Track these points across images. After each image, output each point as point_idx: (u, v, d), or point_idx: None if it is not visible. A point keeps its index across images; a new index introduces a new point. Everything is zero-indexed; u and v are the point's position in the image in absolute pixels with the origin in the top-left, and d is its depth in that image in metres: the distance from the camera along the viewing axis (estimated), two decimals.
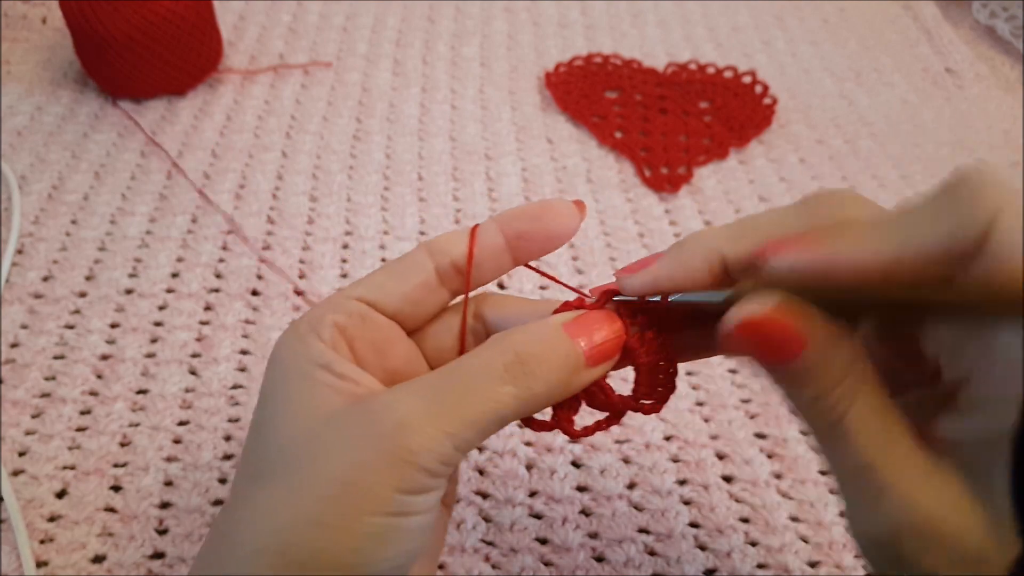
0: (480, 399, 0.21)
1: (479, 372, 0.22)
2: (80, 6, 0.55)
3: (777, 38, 0.74)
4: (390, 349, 0.25)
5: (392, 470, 0.21)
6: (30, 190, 0.52)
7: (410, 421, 0.21)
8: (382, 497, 0.21)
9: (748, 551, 0.35)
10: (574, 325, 0.23)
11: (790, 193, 0.56)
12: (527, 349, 0.22)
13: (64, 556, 0.34)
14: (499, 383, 0.22)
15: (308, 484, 0.21)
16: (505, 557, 0.35)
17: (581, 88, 0.64)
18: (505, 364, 0.22)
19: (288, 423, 0.22)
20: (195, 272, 0.47)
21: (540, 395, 0.22)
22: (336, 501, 0.21)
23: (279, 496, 0.21)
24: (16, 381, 0.41)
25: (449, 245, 0.25)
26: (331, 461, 0.21)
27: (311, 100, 0.62)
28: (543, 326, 0.23)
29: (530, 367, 0.22)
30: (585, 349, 0.23)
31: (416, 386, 0.22)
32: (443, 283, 0.26)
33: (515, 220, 0.26)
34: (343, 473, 0.21)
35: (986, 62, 0.71)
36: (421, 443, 0.21)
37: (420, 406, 0.21)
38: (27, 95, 0.61)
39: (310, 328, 0.24)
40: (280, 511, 0.21)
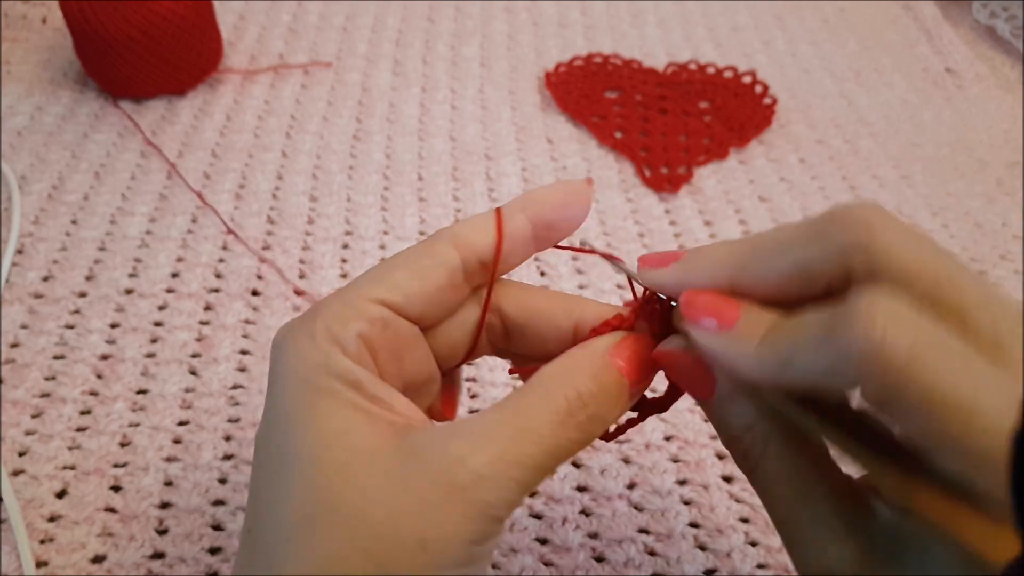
0: (546, 445, 0.21)
1: (542, 416, 0.21)
2: (80, 6, 0.55)
3: (777, 38, 0.74)
4: (409, 354, 0.24)
5: (469, 525, 0.20)
6: (30, 190, 0.52)
7: (483, 474, 0.20)
8: (457, 551, 0.20)
9: (748, 551, 0.35)
10: (617, 352, 0.23)
11: (790, 193, 0.56)
12: (587, 390, 0.22)
13: (64, 556, 0.34)
14: (563, 428, 0.21)
15: (373, 536, 0.20)
16: (505, 557, 0.35)
17: (581, 88, 0.64)
18: (568, 408, 0.21)
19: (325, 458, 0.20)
20: (195, 272, 0.47)
21: (598, 433, 0.22)
22: (413, 554, 0.20)
23: (336, 548, 0.20)
24: (16, 381, 0.41)
25: (475, 237, 0.24)
26: (407, 514, 0.20)
27: (311, 100, 0.62)
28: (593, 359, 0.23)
29: (591, 410, 0.22)
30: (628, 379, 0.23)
31: (478, 431, 0.21)
32: (468, 279, 0.24)
33: (543, 209, 0.24)
34: (419, 527, 0.20)
35: (986, 62, 0.71)
36: (499, 495, 0.20)
37: (489, 455, 0.20)
38: (27, 95, 0.61)
39: (330, 336, 0.22)
40: (340, 565, 0.19)
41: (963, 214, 0.55)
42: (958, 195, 0.57)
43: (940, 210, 0.55)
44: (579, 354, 0.23)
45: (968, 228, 0.54)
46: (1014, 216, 0.55)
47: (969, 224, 0.54)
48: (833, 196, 0.56)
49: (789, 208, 0.55)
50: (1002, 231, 0.54)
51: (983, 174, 0.59)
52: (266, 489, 0.21)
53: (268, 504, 0.21)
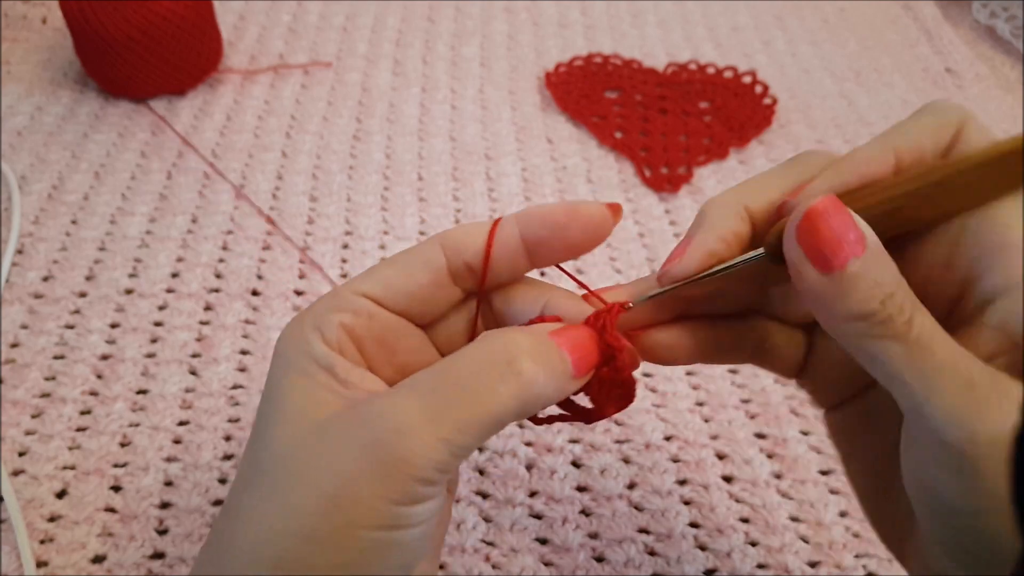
0: (478, 405, 0.20)
1: (476, 376, 0.21)
2: (80, 6, 0.55)
3: (777, 38, 0.74)
4: (399, 344, 0.24)
5: (386, 481, 0.19)
6: (30, 190, 0.52)
7: (402, 427, 0.20)
8: (376, 510, 0.20)
9: (748, 551, 0.35)
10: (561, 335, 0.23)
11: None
12: (523, 353, 0.21)
13: (64, 556, 0.34)
14: (497, 388, 0.20)
15: (300, 496, 0.20)
16: (505, 557, 0.35)
17: (581, 88, 0.64)
18: (501, 369, 0.21)
19: (283, 426, 0.21)
20: (195, 272, 0.47)
21: (536, 401, 0.21)
22: (327, 516, 0.20)
23: (272, 507, 0.20)
24: (16, 381, 0.41)
25: (464, 241, 0.24)
26: (322, 472, 0.20)
27: (311, 100, 0.62)
28: (536, 332, 0.22)
29: (528, 374, 0.21)
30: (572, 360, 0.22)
31: (407, 389, 0.21)
32: (455, 281, 0.24)
33: (537, 226, 0.24)
34: (332, 485, 0.20)
35: (986, 62, 0.71)
36: (415, 450, 0.19)
37: (412, 410, 0.20)
38: (27, 95, 0.61)
39: (314, 325, 0.23)
40: (273, 521, 0.20)
41: None
42: None
43: None
44: (521, 328, 0.23)
45: None
46: None
47: None
48: None
49: None
50: None
51: None
52: (243, 456, 0.23)
53: (240, 468, 0.23)
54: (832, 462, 0.39)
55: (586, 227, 0.24)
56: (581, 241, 0.24)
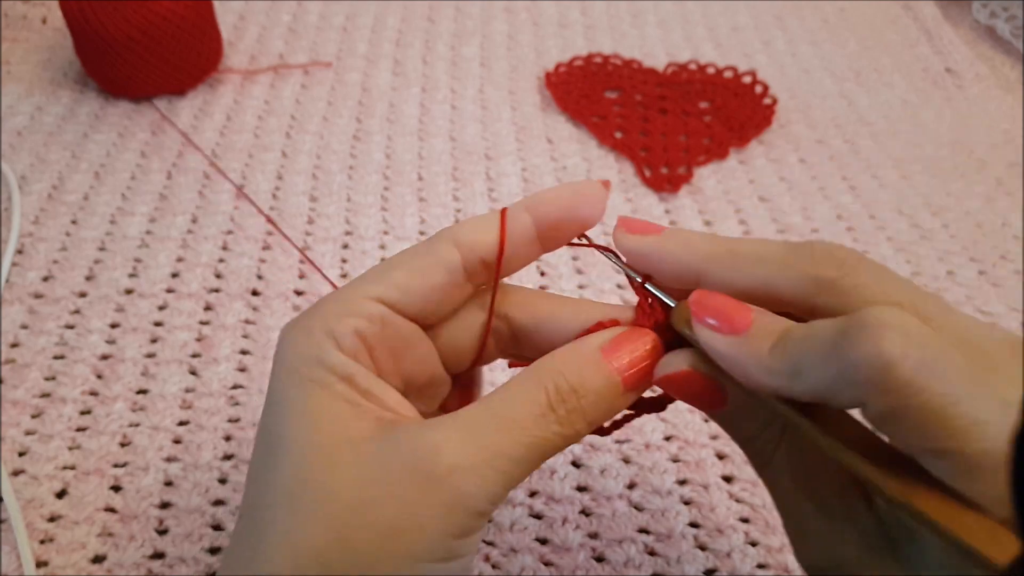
0: (528, 438, 0.21)
1: (523, 409, 0.21)
2: (80, 6, 0.55)
3: (777, 38, 0.74)
4: (408, 352, 0.24)
5: (447, 517, 0.20)
6: (30, 190, 0.52)
7: (462, 464, 0.20)
8: (435, 543, 0.20)
9: (748, 551, 0.35)
10: (612, 348, 0.22)
11: (790, 193, 0.56)
12: (568, 383, 0.21)
13: (64, 556, 0.34)
14: (544, 422, 0.21)
15: (356, 525, 0.20)
16: (505, 557, 0.35)
17: (581, 88, 0.64)
18: (549, 401, 0.21)
19: (310, 441, 0.21)
20: (195, 272, 0.47)
21: (583, 431, 0.22)
22: (385, 541, 0.19)
23: (317, 533, 0.20)
24: (16, 381, 0.41)
25: (477, 236, 0.23)
26: (380, 502, 0.20)
27: (311, 100, 0.62)
28: (581, 353, 0.22)
29: (572, 404, 0.21)
30: (623, 375, 0.22)
31: (460, 425, 0.21)
32: (469, 278, 0.24)
33: (549, 208, 0.24)
34: (392, 514, 0.20)
35: (986, 62, 0.71)
36: (477, 486, 0.20)
37: (468, 447, 0.20)
38: (27, 95, 0.61)
39: (326, 332, 0.22)
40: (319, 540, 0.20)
41: (963, 214, 0.55)
42: (958, 195, 0.57)
43: (940, 210, 0.55)
44: (568, 348, 0.23)
45: (968, 228, 0.54)
46: (1014, 216, 0.55)
47: (969, 224, 0.54)
48: (833, 196, 0.56)
49: (789, 208, 0.55)
50: (1002, 231, 0.54)
51: (983, 174, 0.59)
52: (256, 471, 0.22)
53: (256, 485, 0.22)
54: None
55: (592, 203, 0.24)
56: (589, 218, 0.24)
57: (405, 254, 0.24)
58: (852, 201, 0.56)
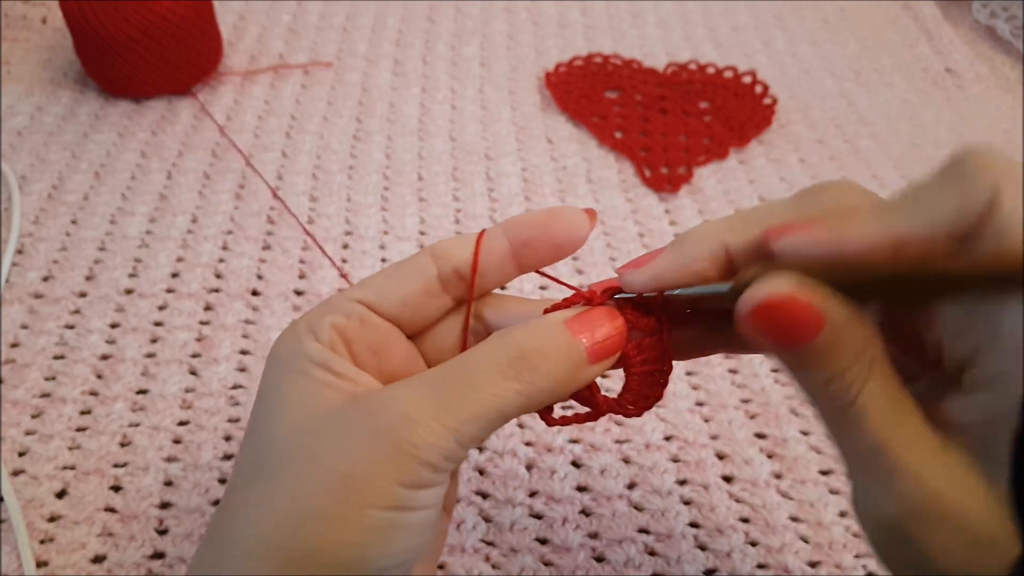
0: (484, 394, 0.21)
1: (483, 367, 0.22)
2: (80, 6, 0.55)
3: (777, 38, 0.74)
4: (388, 351, 0.25)
5: (394, 463, 0.21)
6: (30, 190, 0.52)
7: (412, 415, 0.21)
8: (384, 490, 0.21)
9: (748, 551, 0.35)
10: (576, 322, 0.23)
11: (790, 193, 0.56)
12: (530, 344, 0.22)
13: (64, 556, 0.34)
14: (503, 378, 0.21)
15: (308, 478, 0.21)
16: (505, 557, 0.35)
17: (581, 88, 0.64)
18: (509, 359, 0.22)
19: (286, 419, 0.22)
20: (195, 272, 0.47)
21: (544, 391, 0.22)
22: (337, 494, 0.21)
23: (279, 491, 0.21)
24: (16, 381, 0.41)
25: (453, 250, 0.25)
26: (331, 455, 0.21)
27: (311, 100, 0.62)
28: (545, 322, 0.23)
29: (533, 363, 0.22)
30: (587, 346, 0.23)
31: (418, 381, 0.22)
32: (445, 289, 0.25)
33: (522, 227, 0.25)
34: (344, 466, 0.21)
35: (986, 62, 0.71)
36: (424, 437, 0.21)
37: (422, 401, 0.21)
38: (27, 95, 0.61)
39: (308, 328, 0.24)
40: (280, 505, 0.21)
41: None
42: None
43: None
44: (533, 320, 0.23)
45: None
46: None
47: None
48: None
49: None
50: None
51: None
52: (240, 451, 0.24)
53: (238, 462, 0.23)
54: (832, 462, 0.39)
55: (565, 225, 0.25)
56: (563, 241, 0.25)
57: (388, 266, 0.26)
58: None
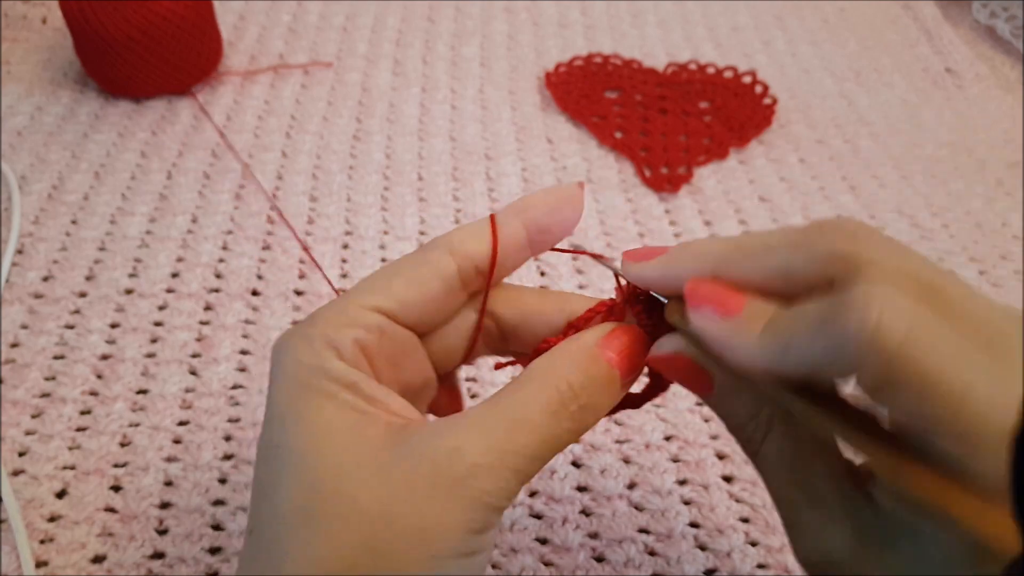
0: (541, 437, 0.21)
1: (536, 408, 0.22)
2: (80, 6, 0.55)
3: (777, 38, 0.74)
4: (406, 360, 0.24)
5: (468, 514, 0.20)
6: (30, 190, 0.52)
7: (481, 463, 0.21)
8: (455, 540, 0.20)
9: (748, 551, 0.35)
10: (608, 344, 0.23)
11: (790, 193, 0.56)
12: (578, 381, 0.22)
13: (64, 556, 0.34)
14: (557, 418, 0.22)
15: (371, 527, 0.20)
16: (505, 557, 0.35)
17: (581, 88, 0.64)
18: (561, 399, 0.22)
19: (320, 452, 0.21)
20: (195, 272, 0.47)
21: (591, 423, 0.23)
22: (408, 546, 0.20)
23: (334, 539, 0.20)
24: (16, 381, 0.41)
25: (471, 244, 0.24)
26: (404, 509, 0.20)
27: (311, 100, 0.62)
28: (584, 351, 0.23)
29: (583, 400, 0.22)
30: (620, 367, 0.23)
31: (475, 426, 0.21)
32: (464, 286, 0.24)
33: (537, 213, 0.25)
34: (419, 521, 0.20)
35: (986, 62, 0.71)
36: (494, 484, 0.21)
37: (485, 445, 0.21)
38: (27, 95, 0.61)
39: (327, 342, 0.22)
40: (339, 555, 0.20)
41: (963, 214, 0.55)
42: (958, 195, 0.57)
43: (940, 210, 0.55)
44: (569, 347, 0.23)
45: (968, 228, 0.54)
46: (1014, 216, 0.55)
47: (969, 224, 0.54)
48: (833, 196, 0.56)
49: (789, 208, 0.55)
50: (1002, 231, 0.54)
51: (983, 174, 0.59)
52: (265, 487, 0.22)
53: (266, 501, 0.21)
54: None
55: (573, 206, 0.25)
56: (572, 220, 0.25)
57: (402, 263, 0.24)
58: (852, 201, 0.56)
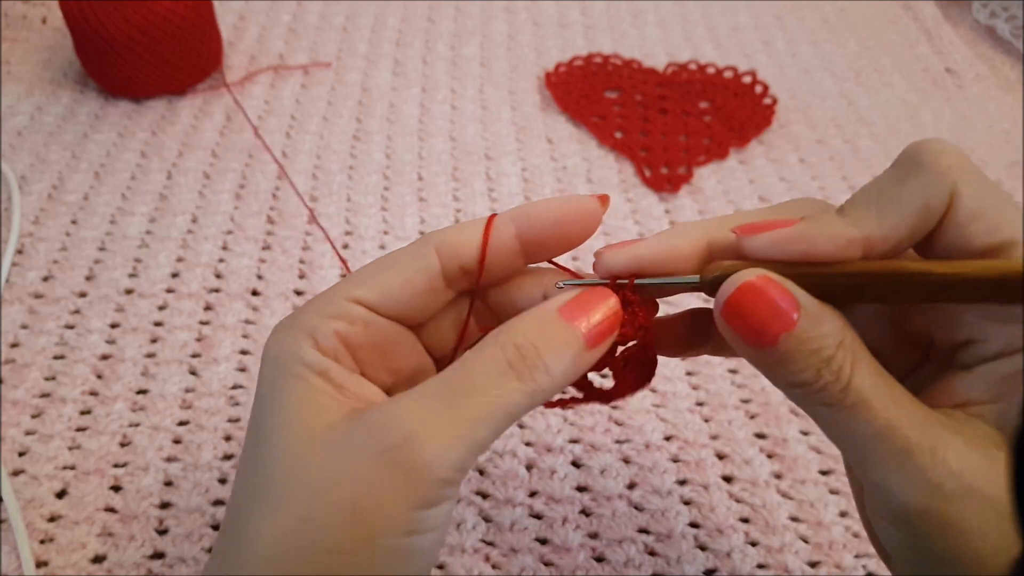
0: (488, 398, 0.20)
1: (483, 371, 0.21)
2: (80, 6, 0.55)
3: (777, 38, 0.74)
4: (395, 349, 0.24)
5: (407, 487, 0.19)
6: (30, 190, 0.52)
7: (419, 430, 0.20)
8: (398, 517, 0.19)
9: (748, 551, 0.35)
10: (571, 307, 0.22)
11: (790, 193, 0.56)
12: (528, 340, 0.21)
13: (64, 556, 0.34)
14: (505, 379, 0.21)
15: (318, 507, 0.20)
16: (505, 557, 0.35)
17: (581, 88, 0.64)
18: (508, 359, 0.21)
19: (285, 433, 0.21)
20: (195, 272, 0.47)
21: (547, 386, 0.21)
22: (349, 526, 0.19)
23: (286, 519, 0.20)
24: (16, 381, 0.41)
25: (458, 244, 0.23)
26: (339, 482, 0.20)
27: (311, 100, 0.62)
28: (540, 314, 0.22)
29: (532, 359, 0.21)
30: (584, 332, 0.22)
31: (419, 393, 0.21)
32: (449, 285, 0.24)
33: (537, 223, 0.24)
34: (354, 495, 0.19)
35: (986, 62, 0.71)
36: (435, 453, 0.19)
37: (427, 413, 0.20)
38: (27, 95, 0.61)
39: (306, 331, 0.23)
40: (289, 535, 0.20)
41: None
42: None
43: None
44: (527, 312, 0.22)
45: None
46: None
47: None
48: (833, 196, 0.56)
49: None
50: None
51: None
52: (242, 464, 0.22)
53: (240, 477, 0.22)
54: (832, 462, 0.39)
55: (583, 221, 0.24)
56: (578, 236, 0.24)
57: (390, 258, 0.24)
58: None
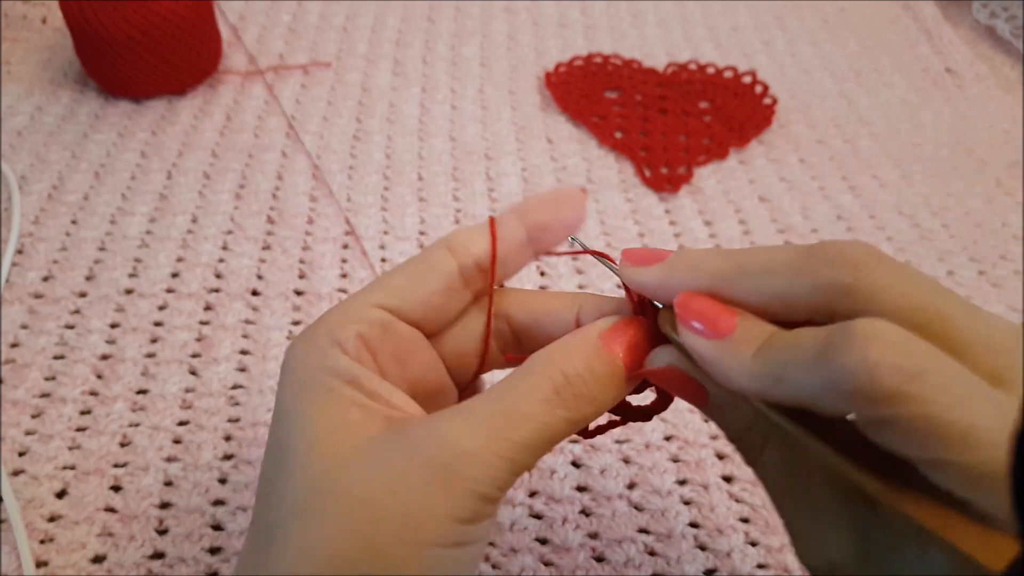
0: (535, 424, 0.21)
1: (530, 396, 0.21)
2: (80, 6, 0.55)
3: (777, 38, 0.74)
4: (412, 358, 0.24)
5: (453, 501, 0.20)
6: (30, 190, 0.52)
7: (468, 450, 0.20)
8: (443, 529, 0.20)
9: (748, 551, 0.35)
10: (611, 335, 0.23)
11: (790, 193, 0.56)
12: (573, 370, 0.22)
13: (64, 556, 0.34)
14: (551, 407, 0.21)
15: (364, 518, 0.20)
16: (505, 557, 0.35)
17: (581, 88, 0.64)
18: (555, 387, 0.21)
19: (322, 449, 0.21)
20: (195, 272, 0.47)
21: (590, 416, 0.22)
22: (396, 535, 0.20)
23: (329, 530, 0.20)
24: (16, 381, 0.41)
25: (470, 243, 0.24)
26: (393, 490, 0.20)
27: (311, 100, 0.62)
28: (583, 341, 0.23)
29: (578, 388, 0.22)
30: (623, 359, 0.23)
31: (467, 413, 0.21)
32: (466, 284, 0.24)
33: (537, 211, 0.25)
34: (407, 504, 0.20)
35: (986, 62, 0.71)
36: (484, 472, 0.20)
37: (475, 433, 0.21)
38: (27, 95, 0.61)
39: (331, 339, 0.22)
40: (334, 546, 0.20)
41: (963, 214, 0.55)
42: (958, 195, 0.57)
43: (940, 210, 0.55)
44: (569, 338, 0.23)
45: (968, 228, 0.54)
46: (1014, 216, 0.55)
47: (969, 224, 0.54)
48: (833, 196, 0.56)
49: (789, 208, 0.55)
50: (1002, 231, 0.54)
51: (983, 174, 0.59)
52: (267, 483, 0.22)
53: (268, 496, 0.22)
54: None
55: (574, 208, 0.25)
56: (573, 220, 0.25)
57: (404, 264, 0.25)
58: (852, 201, 0.56)
